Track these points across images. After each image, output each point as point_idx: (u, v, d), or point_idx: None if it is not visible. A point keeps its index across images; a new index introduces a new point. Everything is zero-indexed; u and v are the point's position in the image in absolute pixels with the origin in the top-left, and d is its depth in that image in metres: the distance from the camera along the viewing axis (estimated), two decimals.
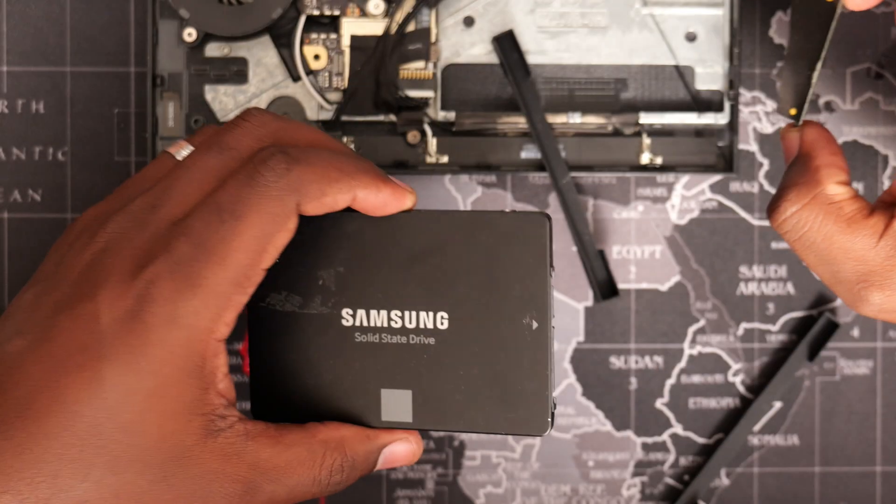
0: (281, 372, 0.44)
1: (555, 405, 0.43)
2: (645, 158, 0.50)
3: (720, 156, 0.51)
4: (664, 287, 0.52)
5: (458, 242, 0.43)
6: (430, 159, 0.50)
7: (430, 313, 0.44)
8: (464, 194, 0.52)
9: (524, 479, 0.52)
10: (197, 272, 0.38)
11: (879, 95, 0.52)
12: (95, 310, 0.38)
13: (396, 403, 0.44)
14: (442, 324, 0.44)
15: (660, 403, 0.52)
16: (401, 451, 0.44)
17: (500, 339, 0.43)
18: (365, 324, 0.44)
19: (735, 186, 0.52)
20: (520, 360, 0.43)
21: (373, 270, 0.43)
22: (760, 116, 0.52)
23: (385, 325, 0.44)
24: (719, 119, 0.50)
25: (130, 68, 0.51)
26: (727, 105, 0.50)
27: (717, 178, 0.52)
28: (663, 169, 0.50)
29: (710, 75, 0.51)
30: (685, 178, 0.52)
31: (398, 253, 0.43)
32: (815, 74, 0.43)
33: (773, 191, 0.51)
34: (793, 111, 0.44)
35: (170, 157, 0.41)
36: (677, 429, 0.52)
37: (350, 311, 0.44)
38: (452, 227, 0.43)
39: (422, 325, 0.44)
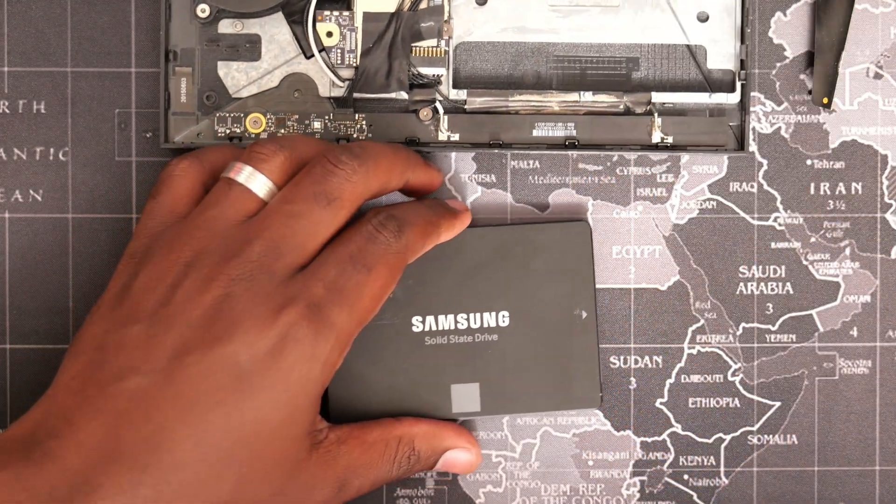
0: (358, 377, 0.48)
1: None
2: (656, 137, 0.51)
3: (731, 135, 0.51)
4: (663, 287, 0.52)
5: (513, 251, 0.49)
6: (442, 136, 0.50)
7: (493, 313, 0.49)
8: (463, 195, 0.52)
9: (524, 478, 0.52)
10: (334, 315, 0.41)
11: (878, 95, 0.52)
12: (233, 351, 0.40)
13: (465, 396, 0.49)
14: (503, 321, 0.49)
15: (659, 403, 0.52)
16: (461, 458, 0.49)
17: (554, 329, 0.49)
18: (434, 328, 0.49)
19: (734, 186, 0.52)
20: (571, 345, 0.49)
21: (438, 281, 0.49)
22: (760, 117, 0.52)
23: (452, 327, 0.49)
24: (730, 99, 0.50)
25: (131, 68, 0.51)
26: (738, 85, 0.50)
27: (717, 178, 0.52)
28: (674, 148, 0.50)
29: (721, 55, 0.51)
30: (684, 179, 0.52)
31: (460, 264, 0.49)
32: (839, 64, 0.50)
33: (772, 191, 0.52)
34: (825, 101, 0.50)
35: (245, 190, 0.43)
36: (677, 428, 0.52)
37: (420, 318, 0.49)
38: (508, 239, 0.49)
39: (485, 325, 0.49)
